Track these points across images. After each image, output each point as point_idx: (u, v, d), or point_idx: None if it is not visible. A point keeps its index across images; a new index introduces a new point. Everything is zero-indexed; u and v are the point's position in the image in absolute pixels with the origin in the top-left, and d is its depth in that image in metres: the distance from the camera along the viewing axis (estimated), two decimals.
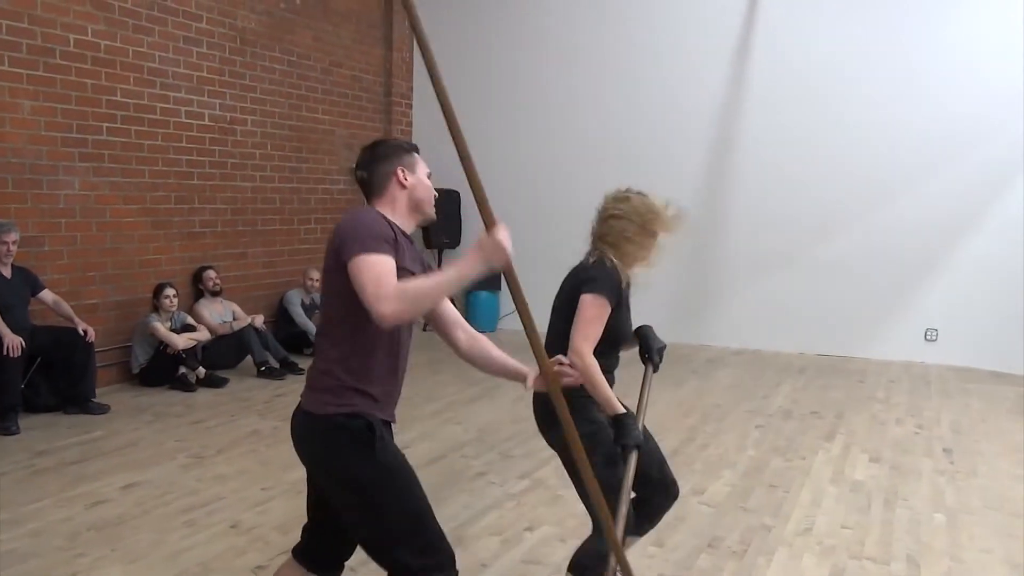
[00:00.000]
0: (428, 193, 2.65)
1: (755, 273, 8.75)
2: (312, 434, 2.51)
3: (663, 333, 3.59)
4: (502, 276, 2.54)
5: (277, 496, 4.51)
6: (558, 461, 5.06)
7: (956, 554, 3.90)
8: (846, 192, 8.61)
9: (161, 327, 6.83)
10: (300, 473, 4.82)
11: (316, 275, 8.55)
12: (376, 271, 2.23)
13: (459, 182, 10.52)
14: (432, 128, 10.34)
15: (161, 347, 6.85)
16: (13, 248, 5.89)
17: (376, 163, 2.56)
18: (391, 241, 2.34)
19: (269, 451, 5.30)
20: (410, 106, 10.38)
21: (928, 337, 8.46)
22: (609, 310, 2.97)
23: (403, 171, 2.57)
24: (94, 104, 6.70)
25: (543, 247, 9.98)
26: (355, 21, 9.49)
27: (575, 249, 3.53)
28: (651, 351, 3.24)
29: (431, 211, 2.66)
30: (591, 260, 3.14)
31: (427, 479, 4.82)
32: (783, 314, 8.78)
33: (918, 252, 8.47)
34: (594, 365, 2.83)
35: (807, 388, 7.28)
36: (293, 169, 8.79)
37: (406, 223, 2.56)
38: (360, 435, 2.38)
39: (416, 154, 2.66)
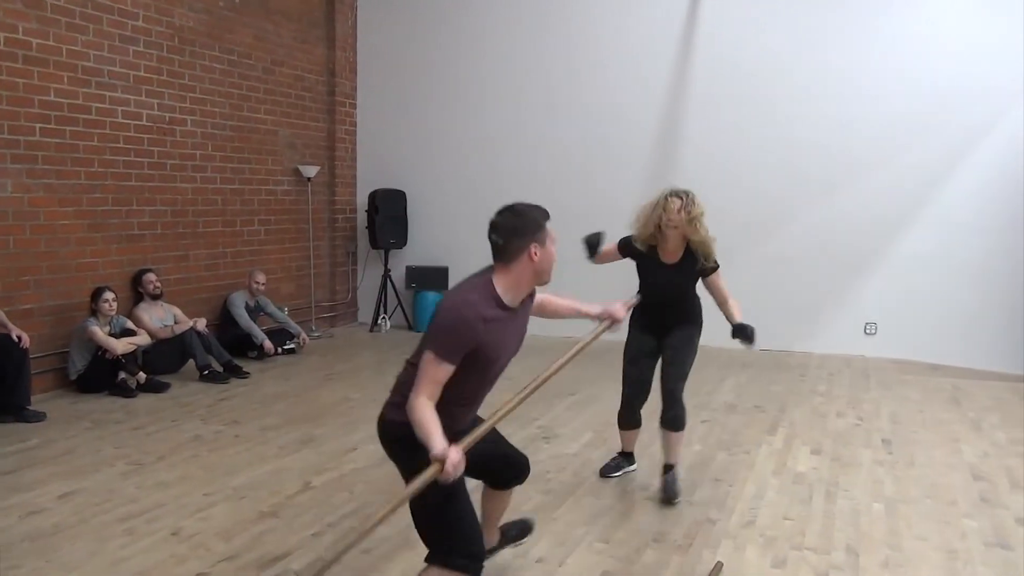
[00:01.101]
0: (551, 263, 2.97)
1: None
2: (383, 437, 3.13)
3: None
4: (448, 278, 2.90)
5: (219, 502, 4.43)
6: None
7: (894, 542, 3.98)
8: (786, 188, 8.76)
9: (99, 332, 6.68)
10: (242, 479, 4.78)
11: (262, 277, 8.45)
12: (430, 376, 2.72)
13: (405, 183, 10.60)
14: (376, 128, 10.32)
15: (99, 352, 6.69)
16: None
17: (513, 236, 2.87)
18: (469, 340, 2.72)
19: (212, 456, 5.21)
20: (355, 106, 10.29)
21: (867, 331, 8.64)
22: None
23: (536, 247, 2.89)
24: (26, 104, 6.52)
25: (483, 246, 9.98)
26: (296, 20, 9.38)
27: None
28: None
29: (549, 278, 3.00)
30: None
31: (376, 478, 4.82)
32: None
33: (857, 247, 8.64)
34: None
35: (751, 383, 7.39)
36: (235, 170, 8.66)
37: (521, 289, 2.92)
38: (414, 442, 2.71)
39: (547, 224, 2.99)
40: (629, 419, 4.84)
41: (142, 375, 6.84)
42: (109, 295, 6.80)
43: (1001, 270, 8.07)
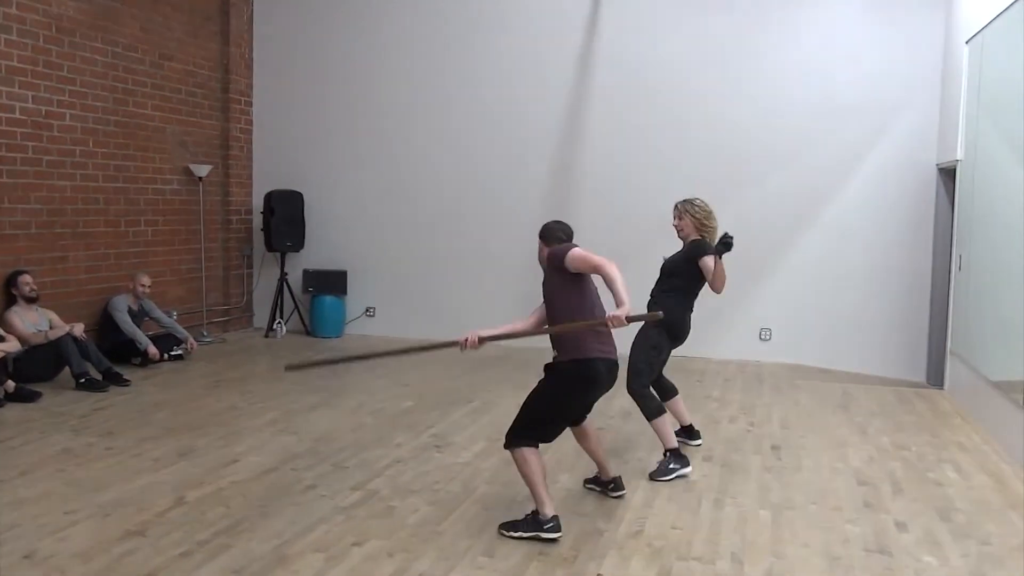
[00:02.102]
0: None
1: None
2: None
3: (508, 342, 3.61)
4: (347, 282, 3.09)
5: (82, 520, 4.14)
6: (392, 472, 4.93)
7: (778, 550, 3.98)
8: (682, 192, 8.76)
9: None
10: (110, 495, 4.50)
11: (146, 280, 8.08)
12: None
13: (301, 183, 10.30)
14: (273, 126, 10.02)
15: None
16: None
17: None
18: None
19: (79, 471, 4.90)
20: (250, 104, 9.97)
21: (762, 336, 8.78)
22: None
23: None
24: None
25: (382, 249, 9.82)
26: (188, 12, 9.03)
27: (414, 251, 3.44)
28: None
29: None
30: None
31: (253, 493, 4.60)
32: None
33: (755, 253, 8.71)
34: None
35: None
36: (119, 167, 8.26)
37: None
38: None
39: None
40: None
41: (11, 384, 6.42)
42: None
43: (888, 278, 8.33)
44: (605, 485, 4.68)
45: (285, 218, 9.66)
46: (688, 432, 5.65)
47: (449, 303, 9.32)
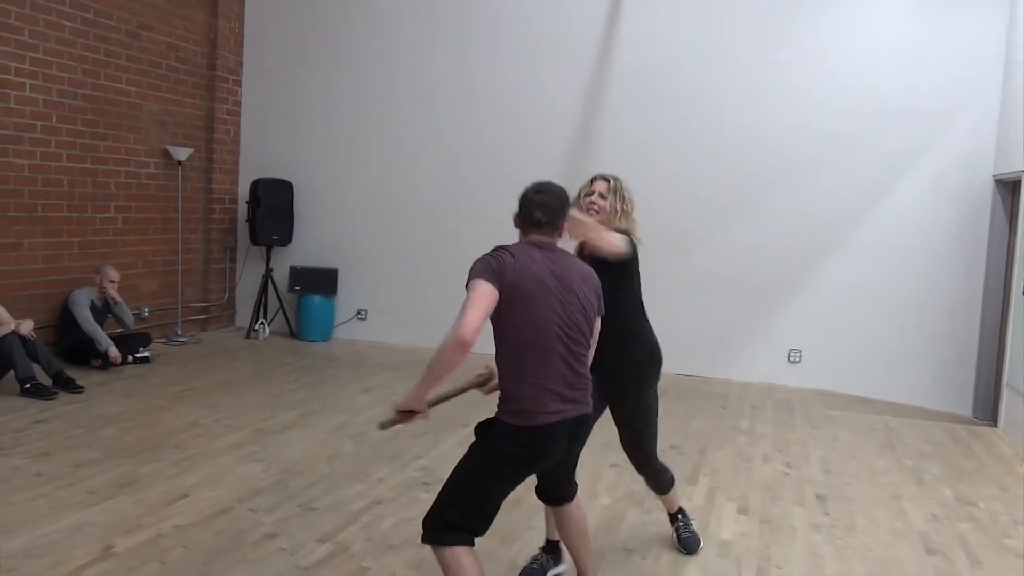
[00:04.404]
0: None
1: None
2: None
3: None
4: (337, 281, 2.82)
5: None
6: (368, 517, 4.11)
7: None
8: (709, 204, 8.01)
9: None
10: (21, 541, 3.68)
11: (114, 274, 7.27)
12: None
13: (291, 172, 9.39)
14: (264, 109, 9.19)
15: None
16: None
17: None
18: None
19: None
20: (239, 83, 9.15)
21: (791, 359, 7.95)
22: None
23: None
24: None
25: (376, 247, 9.00)
26: None
27: (411, 251, 2.65)
28: None
29: None
30: None
31: (198, 543, 3.79)
32: None
33: (782, 269, 7.94)
34: None
35: (667, 416, 6.49)
36: (87, 146, 7.44)
37: None
38: None
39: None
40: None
41: None
42: None
43: (933, 300, 7.50)
44: None
45: (272, 209, 8.84)
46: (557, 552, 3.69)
47: (447, 308, 8.45)
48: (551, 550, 3.65)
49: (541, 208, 2.89)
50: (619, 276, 3.67)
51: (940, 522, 4.59)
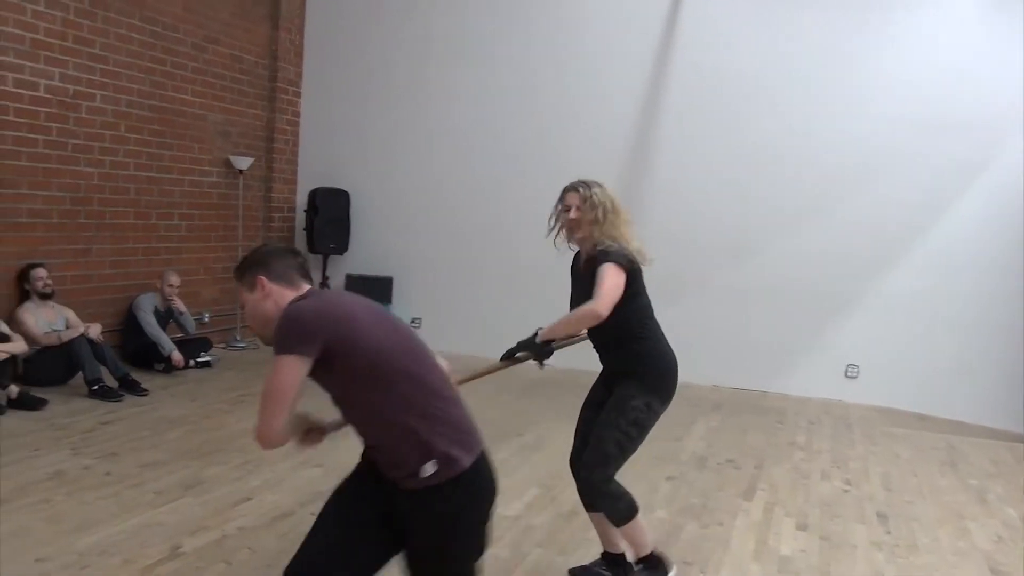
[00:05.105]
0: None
1: (666, 297, 7.84)
2: None
3: (568, 360, 3.51)
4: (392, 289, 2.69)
5: (54, 572, 3.44)
6: None
7: None
8: (766, 214, 7.93)
9: None
10: (94, 538, 3.80)
11: (175, 280, 7.45)
12: None
13: (348, 181, 9.52)
14: (322, 120, 9.34)
15: None
16: None
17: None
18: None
19: (66, 503, 4.21)
20: (298, 94, 9.31)
21: (849, 374, 7.83)
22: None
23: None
24: None
25: (431, 255, 9.09)
26: None
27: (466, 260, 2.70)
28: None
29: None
30: None
31: (263, 545, 3.87)
32: (697, 343, 7.97)
33: (840, 281, 7.83)
34: None
35: (722, 429, 6.53)
36: (153, 156, 7.64)
37: None
38: None
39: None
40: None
41: (13, 388, 5.79)
42: None
43: (996, 315, 7.33)
44: None
45: (329, 218, 8.98)
46: (619, 566, 3.62)
47: (501, 317, 8.50)
48: (612, 562, 3.65)
49: (292, 253, 2.55)
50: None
51: (1005, 543, 4.50)
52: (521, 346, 3.34)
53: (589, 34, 8.38)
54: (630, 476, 4.79)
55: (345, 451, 5.26)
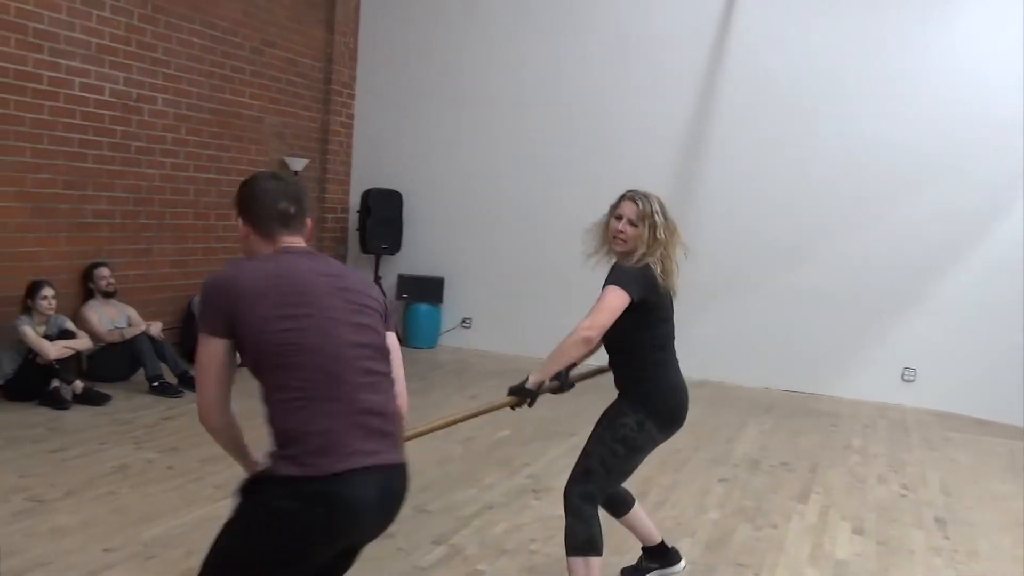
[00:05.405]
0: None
1: (719, 298, 7.91)
2: None
3: None
4: (443, 290, 2.55)
5: (120, 562, 3.55)
6: (480, 522, 4.19)
7: None
8: (821, 215, 7.85)
9: (31, 332, 5.82)
10: (158, 530, 3.90)
11: None
12: None
13: (401, 182, 9.61)
14: (375, 122, 9.46)
15: (31, 355, 5.85)
16: None
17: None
18: None
19: (131, 495, 4.33)
20: (352, 96, 9.43)
21: (906, 377, 7.71)
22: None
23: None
24: None
25: (482, 256, 9.14)
26: None
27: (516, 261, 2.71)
28: None
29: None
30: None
31: None
32: (749, 344, 7.98)
33: (897, 284, 7.72)
34: None
35: (775, 432, 6.48)
36: (212, 157, 7.81)
37: None
38: None
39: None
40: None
41: (78, 384, 5.97)
42: (48, 291, 5.95)
43: None
44: None
45: (382, 219, 9.08)
46: (662, 555, 3.67)
47: (550, 318, 8.49)
48: (655, 554, 3.66)
49: (286, 196, 2.27)
50: (633, 316, 3.07)
51: None
52: (510, 391, 3.16)
53: (645, 42, 8.35)
54: (683, 475, 4.81)
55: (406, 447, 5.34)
